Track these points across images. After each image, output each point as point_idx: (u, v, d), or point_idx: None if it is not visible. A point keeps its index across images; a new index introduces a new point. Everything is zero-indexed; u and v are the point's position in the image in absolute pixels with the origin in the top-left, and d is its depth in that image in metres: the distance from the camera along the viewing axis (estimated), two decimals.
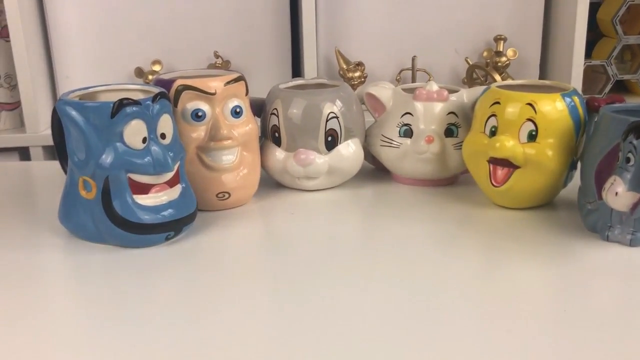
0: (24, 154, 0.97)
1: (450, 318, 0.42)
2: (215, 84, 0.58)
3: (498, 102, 0.57)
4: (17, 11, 0.88)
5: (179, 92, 0.58)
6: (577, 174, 0.58)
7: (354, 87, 0.94)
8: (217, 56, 0.96)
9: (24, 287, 0.48)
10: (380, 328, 0.42)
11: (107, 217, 0.51)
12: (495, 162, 0.58)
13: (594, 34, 1.03)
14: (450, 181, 0.68)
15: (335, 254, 0.53)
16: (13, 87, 0.95)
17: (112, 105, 0.49)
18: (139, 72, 0.96)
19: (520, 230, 0.56)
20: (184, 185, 0.55)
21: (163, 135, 0.53)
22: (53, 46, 0.96)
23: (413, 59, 0.96)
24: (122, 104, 0.49)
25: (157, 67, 0.96)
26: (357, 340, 0.40)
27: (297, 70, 1.02)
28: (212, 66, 0.97)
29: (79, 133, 0.50)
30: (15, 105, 0.96)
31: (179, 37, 0.97)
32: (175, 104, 0.58)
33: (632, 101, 0.95)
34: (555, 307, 0.44)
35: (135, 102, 0.50)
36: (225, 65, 0.97)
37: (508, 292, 0.46)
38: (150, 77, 0.95)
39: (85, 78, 0.97)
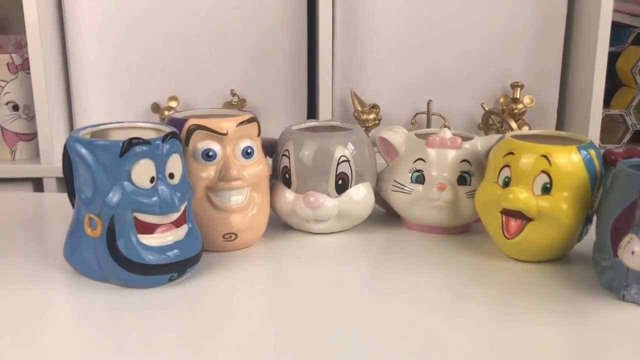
0: (37, 184, 0.97)
1: None
2: (227, 125, 0.58)
3: (512, 153, 0.56)
4: (38, 44, 0.90)
5: (190, 132, 0.58)
6: (592, 228, 0.57)
7: (368, 129, 0.94)
8: (233, 94, 0.97)
9: (24, 325, 0.47)
10: None
11: (111, 256, 0.50)
12: (508, 213, 0.56)
13: (613, 83, 1.02)
14: (462, 229, 0.67)
15: (341, 300, 0.52)
16: (31, 118, 0.96)
17: (121, 144, 0.49)
18: (156, 108, 0.97)
19: (532, 285, 0.54)
20: (190, 225, 0.54)
21: (172, 175, 0.52)
22: (72, 79, 0.98)
23: (428, 103, 0.96)
24: (131, 143, 0.49)
25: (173, 103, 0.96)
26: None
27: (312, 111, 1.02)
28: (228, 104, 0.97)
29: (87, 170, 0.50)
30: (32, 137, 0.97)
31: (197, 75, 0.98)
32: (187, 143, 0.58)
33: None
34: None
35: (145, 142, 0.50)
36: (241, 104, 0.97)
37: (518, 350, 0.44)
38: (166, 112, 0.95)
39: (103, 112, 0.98)
